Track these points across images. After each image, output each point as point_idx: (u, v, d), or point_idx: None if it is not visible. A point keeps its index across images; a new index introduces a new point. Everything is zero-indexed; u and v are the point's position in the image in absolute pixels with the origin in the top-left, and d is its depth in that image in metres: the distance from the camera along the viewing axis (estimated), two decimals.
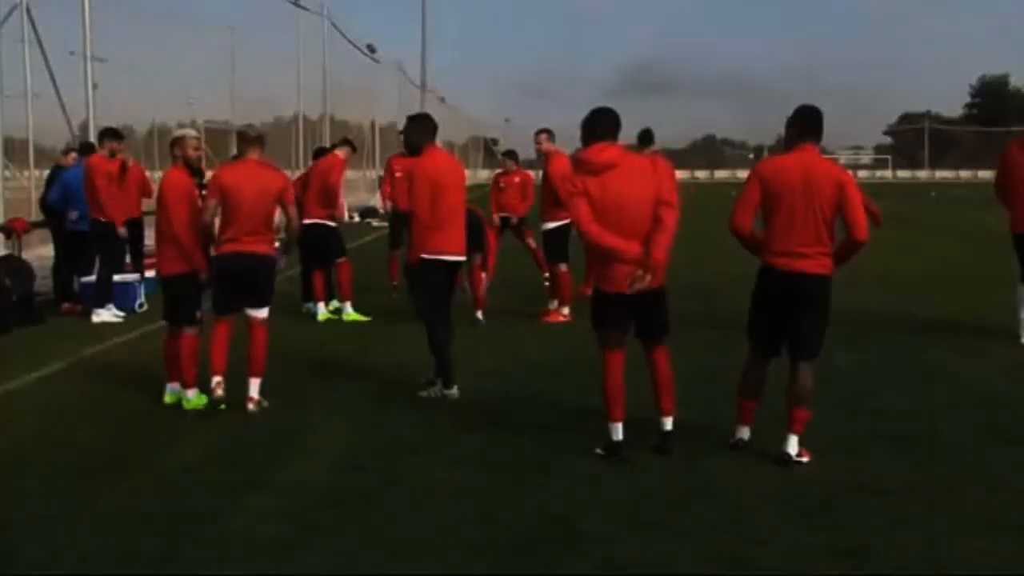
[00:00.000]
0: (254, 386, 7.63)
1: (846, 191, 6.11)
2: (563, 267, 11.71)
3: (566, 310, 11.69)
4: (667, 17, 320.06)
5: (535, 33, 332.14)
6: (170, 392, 7.80)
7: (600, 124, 6.32)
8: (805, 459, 6.26)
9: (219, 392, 7.56)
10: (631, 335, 6.39)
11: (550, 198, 11.80)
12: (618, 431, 6.32)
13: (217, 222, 7.76)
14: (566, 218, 11.77)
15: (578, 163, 6.34)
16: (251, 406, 7.57)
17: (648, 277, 6.06)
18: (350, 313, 11.82)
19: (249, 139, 7.75)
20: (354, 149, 13.05)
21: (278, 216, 8.06)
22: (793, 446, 6.27)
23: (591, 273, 6.35)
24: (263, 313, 7.79)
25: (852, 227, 6.13)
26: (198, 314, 7.75)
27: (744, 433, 6.54)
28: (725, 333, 9.72)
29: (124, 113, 18.28)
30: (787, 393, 6.33)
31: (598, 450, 6.38)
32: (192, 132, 8.21)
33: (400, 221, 12.34)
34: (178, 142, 7.78)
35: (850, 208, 6.10)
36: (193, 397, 7.60)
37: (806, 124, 6.33)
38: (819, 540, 5.08)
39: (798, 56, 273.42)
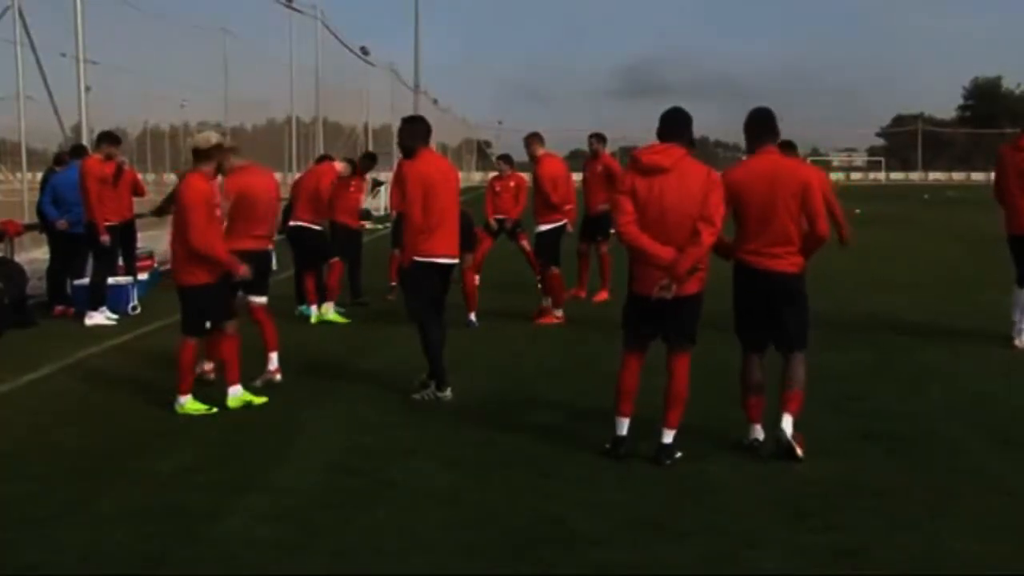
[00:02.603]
0: (272, 359, 8.50)
1: (809, 188, 6.29)
2: (555, 269, 11.72)
3: (559, 312, 11.71)
4: (661, 19, 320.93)
5: (528, 35, 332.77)
6: (232, 396, 7.74)
7: (665, 124, 6.29)
8: (800, 452, 6.24)
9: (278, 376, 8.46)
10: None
11: (542, 201, 11.85)
12: (622, 426, 6.38)
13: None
14: (559, 220, 11.83)
15: (631, 160, 6.35)
16: (279, 376, 8.45)
17: (673, 287, 6.06)
18: (328, 313, 11.78)
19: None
20: (355, 170, 13.11)
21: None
22: (788, 424, 6.29)
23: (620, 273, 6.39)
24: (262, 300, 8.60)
25: (814, 221, 6.29)
26: (207, 324, 7.78)
27: (758, 433, 6.56)
28: (722, 334, 9.72)
29: (117, 115, 18.21)
30: (780, 383, 6.44)
31: (607, 445, 6.40)
32: (222, 137, 8.12)
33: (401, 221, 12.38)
34: (218, 151, 7.61)
35: (811, 205, 6.27)
36: (185, 402, 7.55)
37: (761, 126, 6.50)
38: (816, 541, 5.08)
39: (790, 59, 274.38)
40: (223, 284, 7.71)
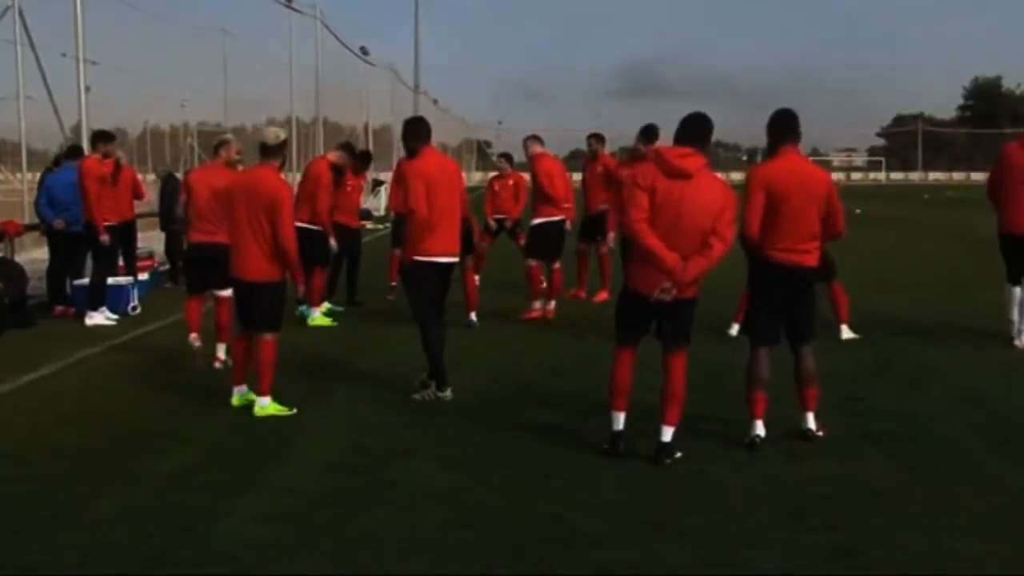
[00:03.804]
0: (220, 349, 9.06)
1: (832, 189, 6.70)
2: (532, 262, 11.91)
3: (537, 304, 11.87)
4: (661, 19, 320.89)
5: (528, 35, 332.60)
6: (238, 395, 7.76)
7: (690, 128, 6.30)
8: (821, 433, 6.69)
9: (197, 344, 9.32)
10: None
11: (540, 196, 12.01)
12: (618, 421, 6.40)
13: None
14: (554, 215, 11.92)
15: (657, 156, 6.33)
16: (217, 364, 9.01)
17: (674, 291, 6.11)
18: (315, 318, 11.75)
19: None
20: (353, 153, 13.06)
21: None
22: (811, 422, 6.76)
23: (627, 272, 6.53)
24: (226, 292, 8.78)
25: (837, 220, 6.74)
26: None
27: (759, 429, 6.62)
28: (718, 334, 9.73)
29: (117, 115, 18.24)
30: (796, 377, 6.79)
31: (605, 446, 6.42)
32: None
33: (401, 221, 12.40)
34: (284, 147, 7.90)
35: (834, 204, 6.71)
36: (268, 404, 7.51)
37: (784, 126, 6.72)
38: (815, 541, 5.08)
39: (790, 59, 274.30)
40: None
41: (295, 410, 7.49)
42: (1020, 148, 9.90)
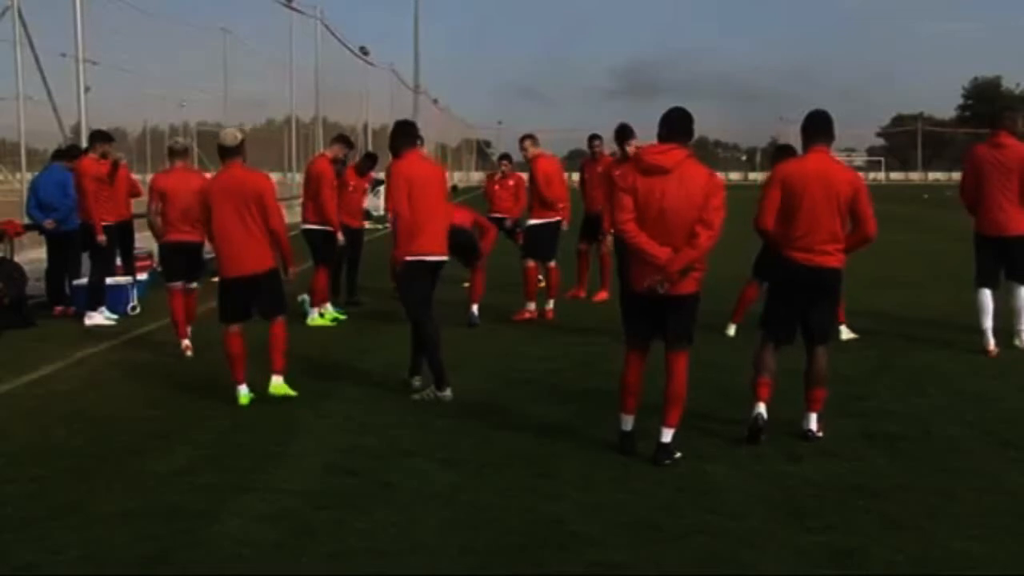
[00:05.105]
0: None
1: (860, 191, 6.63)
2: (531, 262, 11.93)
3: (532, 305, 11.92)
4: (661, 19, 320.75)
5: (528, 35, 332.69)
6: (244, 394, 7.86)
7: (667, 125, 6.32)
8: (821, 434, 6.71)
9: (189, 353, 9.66)
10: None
11: (536, 197, 12.04)
12: (627, 422, 6.46)
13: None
14: (550, 216, 11.94)
15: (635, 158, 6.45)
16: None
17: (667, 285, 6.12)
18: (315, 318, 11.76)
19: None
20: (349, 143, 13.02)
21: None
22: (813, 423, 6.80)
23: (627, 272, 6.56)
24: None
25: (865, 223, 6.65)
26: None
27: (761, 409, 6.66)
28: (716, 334, 9.72)
29: (116, 115, 18.26)
30: (806, 376, 6.82)
31: (618, 440, 6.49)
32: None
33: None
34: (243, 144, 8.09)
35: (863, 206, 6.63)
36: (282, 382, 7.87)
37: (815, 128, 6.78)
38: (812, 542, 5.07)
39: (790, 59, 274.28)
40: None
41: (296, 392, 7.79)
42: (989, 149, 9.84)
